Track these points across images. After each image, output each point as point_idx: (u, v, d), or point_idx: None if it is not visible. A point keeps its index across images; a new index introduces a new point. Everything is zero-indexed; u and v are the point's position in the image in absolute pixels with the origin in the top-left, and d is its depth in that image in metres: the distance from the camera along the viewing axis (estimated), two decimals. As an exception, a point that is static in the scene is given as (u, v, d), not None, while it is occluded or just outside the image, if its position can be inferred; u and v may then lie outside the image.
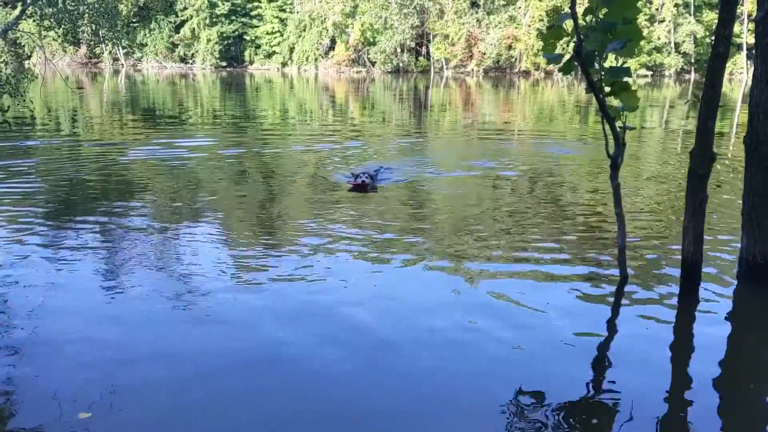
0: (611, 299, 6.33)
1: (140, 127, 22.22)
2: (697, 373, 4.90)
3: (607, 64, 6.14)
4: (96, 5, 17.81)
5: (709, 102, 6.04)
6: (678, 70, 70.06)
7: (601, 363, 5.07)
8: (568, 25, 5.97)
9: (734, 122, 23.99)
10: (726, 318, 5.92)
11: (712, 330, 5.67)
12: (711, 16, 65.64)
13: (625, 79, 6.11)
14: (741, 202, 6.58)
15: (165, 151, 15.88)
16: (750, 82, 6.43)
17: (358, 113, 29.37)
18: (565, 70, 6.30)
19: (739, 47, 62.01)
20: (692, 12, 68.62)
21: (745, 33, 61.98)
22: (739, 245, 6.68)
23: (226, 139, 19.00)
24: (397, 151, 16.56)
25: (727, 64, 6.48)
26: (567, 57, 6.17)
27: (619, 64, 6.26)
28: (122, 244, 7.86)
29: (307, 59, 76.51)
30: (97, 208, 9.90)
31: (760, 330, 5.85)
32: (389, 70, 72.35)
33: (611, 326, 5.77)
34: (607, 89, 6.15)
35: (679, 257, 6.56)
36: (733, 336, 5.61)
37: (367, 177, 10.30)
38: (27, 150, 16.03)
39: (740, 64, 65.18)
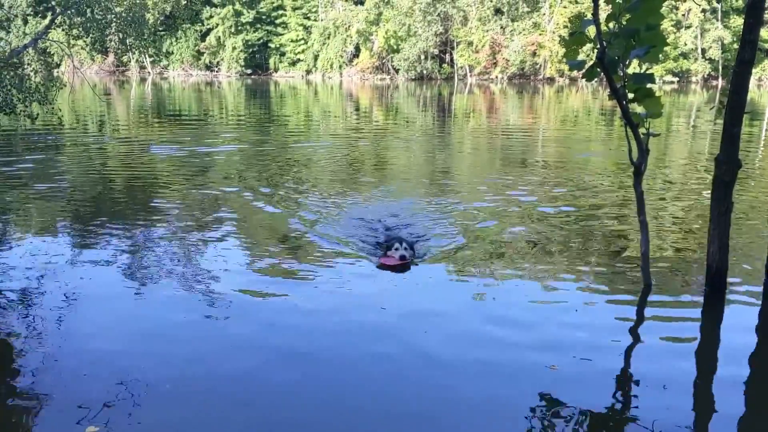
0: (634, 308, 6.26)
1: (165, 130, 22.61)
2: (722, 385, 4.81)
3: (630, 71, 6.09)
4: (123, 15, 18.05)
5: (734, 108, 5.96)
6: (705, 76, 69.23)
7: (623, 374, 4.99)
8: (591, 31, 5.94)
9: (763, 129, 23.66)
10: (752, 328, 5.80)
11: (738, 341, 5.57)
12: (738, 22, 64.71)
13: (649, 85, 6.06)
14: (768, 210, 6.49)
15: (190, 153, 16.11)
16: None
17: (382, 119, 29.43)
18: (589, 76, 6.26)
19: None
20: (719, 17, 67.82)
21: (774, 38, 61.07)
22: (765, 254, 6.58)
23: (251, 142, 19.14)
24: (420, 160, 16.56)
25: (757, 70, 6.40)
26: (590, 63, 6.13)
27: (642, 71, 6.20)
28: (144, 248, 7.92)
29: (331, 66, 76.86)
30: (122, 209, 10.08)
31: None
32: (413, 77, 72.36)
33: (634, 335, 5.68)
34: (631, 96, 6.10)
35: (704, 266, 6.47)
36: (759, 347, 5.49)
37: (405, 248, 7.53)
38: (56, 150, 16.37)
39: (769, 71, 64.23)
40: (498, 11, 71.36)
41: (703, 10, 66.90)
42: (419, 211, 9.97)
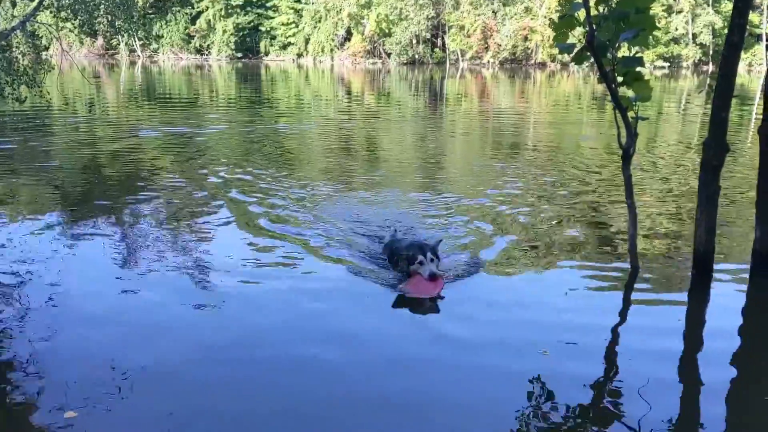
0: (621, 291, 6.30)
1: (156, 112, 22.57)
2: (708, 368, 4.82)
3: (620, 54, 6.09)
4: (112, -4, 17.93)
5: (722, 92, 5.98)
6: (696, 61, 69.35)
7: (611, 357, 5.02)
8: (581, 14, 5.93)
9: (753, 114, 23.74)
10: (738, 312, 5.84)
11: (724, 324, 5.60)
12: (729, 7, 64.49)
13: (638, 68, 6.06)
14: (755, 194, 6.51)
15: (180, 135, 16.14)
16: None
17: (374, 103, 29.36)
18: (578, 60, 6.25)
19: (759, 38, 61.24)
20: (710, 2, 67.80)
21: (765, 23, 61.18)
22: (752, 238, 6.62)
23: (242, 125, 19.11)
24: (412, 144, 16.54)
25: (747, 56, 6.42)
26: (579, 47, 6.12)
27: (632, 54, 6.21)
28: (134, 233, 7.89)
29: (322, 50, 76.54)
30: (112, 192, 10.08)
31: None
32: (405, 61, 72.15)
33: (621, 319, 5.72)
34: (620, 79, 6.11)
35: (691, 249, 6.51)
36: (745, 330, 5.53)
37: (432, 260, 5.92)
38: (45, 133, 16.31)
39: (760, 56, 64.36)
40: (490, -5, 71.13)
41: (695, -5, 66.87)
42: (409, 198, 9.92)
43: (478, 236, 7.94)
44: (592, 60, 6.04)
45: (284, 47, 79.99)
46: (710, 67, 65.86)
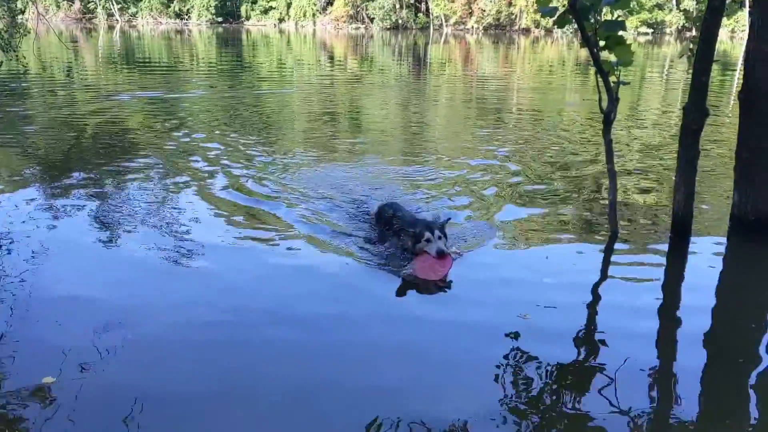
0: (601, 255, 6.34)
1: (135, 77, 22.25)
2: (686, 331, 4.88)
3: (603, 18, 6.07)
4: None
5: (703, 57, 5.99)
6: (679, 27, 69.24)
7: (589, 321, 5.06)
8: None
9: (735, 80, 23.83)
10: (715, 275, 5.92)
11: (702, 287, 5.66)
12: (714, -28, 64.40)
13: (620, 33, 6.05)
14: (734, 158, 6.57)
15: (159, 100, 15.97)
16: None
17: (357, 68, 29.10)
18: (561, 23, 6.23)
19: (742, 4, 61.18)
20: (695, -32, 67.53)
21: (748, -11, 61.00)
22: (730, 202, 6.69)
23: (222, 90, 18.88)
24: (395, 110, 16.47)
25: (730, 22, 6.42)
26: (562, 10, 6.10)
27: (614, 18, 6.19)
28: (113, 198, 7.79)
29: (304, 15, 75.61)
30: (89, 159, 9.96)
31: (750, 287, 5.85)
32: (388, 26, 71.45)
33: (600, 283, 5.75)
34: (602, 43, 6.09)
35: (670, 213, 6.57)
36: (722, 293, 5.61)
37: (439, 237, 5.64)
38: (22, 98, 16.05)
39: (743, 22, 64.31)
40: (474, -41, 70.37)
41: (679, -40, 66.54)
42: (391, 166, 9.84)
43: (454, 197, 7.97)
44: (575, 25, 6.02)
45: (265, 12, 78.87)
46: (693, 33, 65.79)
